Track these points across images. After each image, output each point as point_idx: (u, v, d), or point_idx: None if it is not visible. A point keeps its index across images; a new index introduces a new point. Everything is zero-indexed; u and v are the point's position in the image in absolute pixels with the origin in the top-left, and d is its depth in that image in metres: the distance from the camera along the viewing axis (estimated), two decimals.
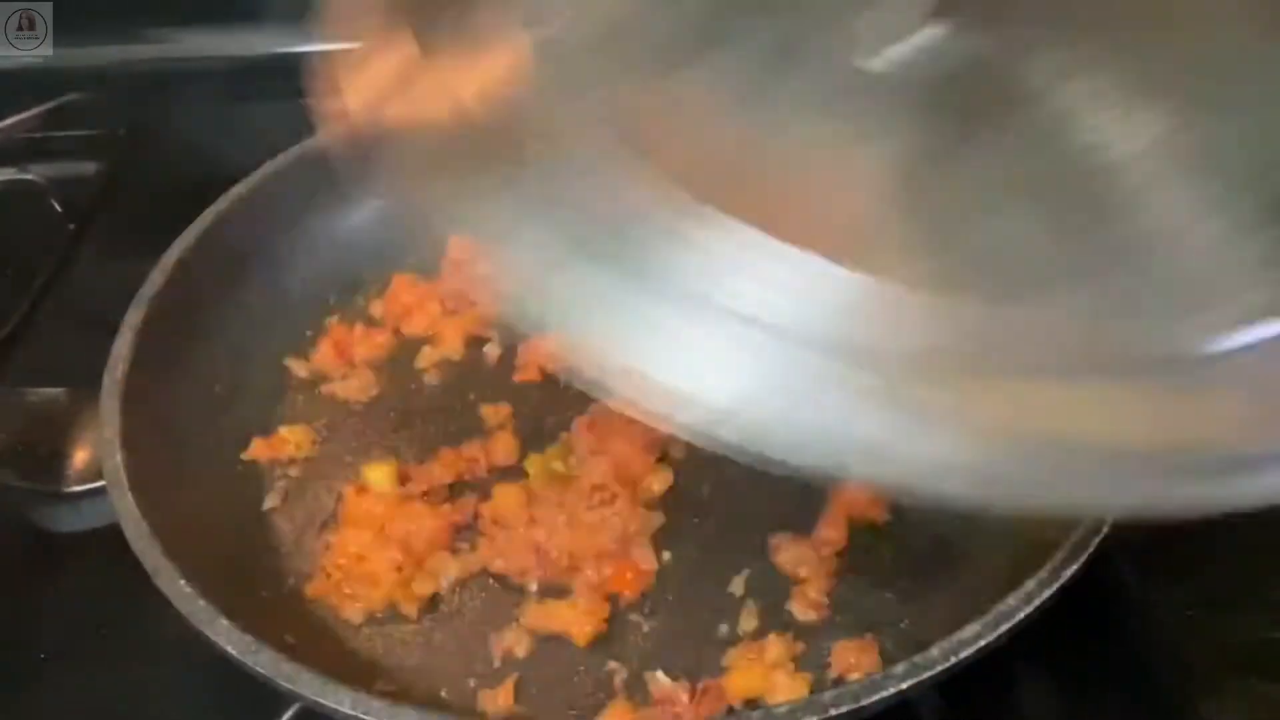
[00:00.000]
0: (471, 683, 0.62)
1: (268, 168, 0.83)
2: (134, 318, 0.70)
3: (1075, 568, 0.53)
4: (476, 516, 0.70)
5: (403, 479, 0.72)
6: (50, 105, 1.09)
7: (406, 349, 0.83)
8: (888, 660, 0.61)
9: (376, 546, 0.67)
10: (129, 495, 0.59)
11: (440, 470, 0.73)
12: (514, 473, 0.73)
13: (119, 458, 0.62)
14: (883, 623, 0.63)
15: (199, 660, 0.67)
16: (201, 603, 0.54)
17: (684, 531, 0.70)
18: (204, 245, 0.76)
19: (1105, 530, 0.54)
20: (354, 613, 0.66)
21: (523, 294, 0.44)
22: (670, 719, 0.59)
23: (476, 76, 0.50)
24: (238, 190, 0.81)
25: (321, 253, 0.85)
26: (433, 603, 0.67)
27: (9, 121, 1.07)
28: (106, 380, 0.66)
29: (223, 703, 0.67)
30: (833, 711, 0.48)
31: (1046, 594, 0.52)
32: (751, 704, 0.59)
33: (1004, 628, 0.51)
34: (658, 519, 0.69)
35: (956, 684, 0.52)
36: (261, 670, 0.52)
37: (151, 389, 0.68)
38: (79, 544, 0.74)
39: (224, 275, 0.79)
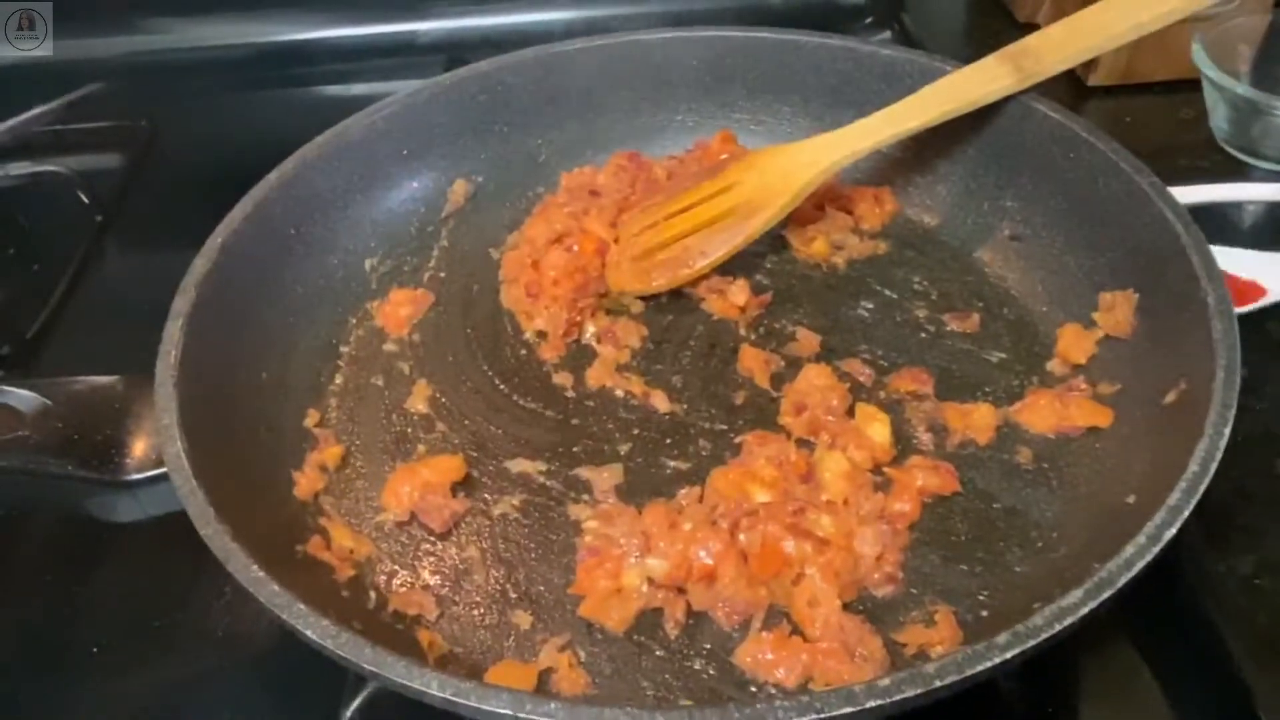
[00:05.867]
0: None
1: (305, 151, 0.81)
2: (182, 303, 0.68)
3: (1173, 530, 0.52)
4: None
5: None
6: (71, 97, 1.08)
7: None
8: (966, 631, 0.60)
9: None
10: (193, 481, 0.58)
11: None
12: None
13: (180, 444, 0.60)
14: (959, 594, 0.62)
15: (251, 651, 0.67)
16: (276, 588, 0.53)
17: None
18: (246, 229, 0.75)
19: (1201, 493, 0.53)
20: None
21: None
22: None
23: None
24: (277, 174, 0.79)
25: (361, 234, 0.84)
26: None
27: (31, 114, 1.05)
28: (160, 366, 0.64)
29: (275, 692, 0.66)
30: (937, 683, 0.47)
31: (1148, 559, 0.50)
32: None
33: (1106, 594, 0.49)
34: None
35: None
36: (344, 654, 0.50)
37: (202, 376, 0.66)
38: (132, 534, 0.73)
39: (266, 259, 0.77)
